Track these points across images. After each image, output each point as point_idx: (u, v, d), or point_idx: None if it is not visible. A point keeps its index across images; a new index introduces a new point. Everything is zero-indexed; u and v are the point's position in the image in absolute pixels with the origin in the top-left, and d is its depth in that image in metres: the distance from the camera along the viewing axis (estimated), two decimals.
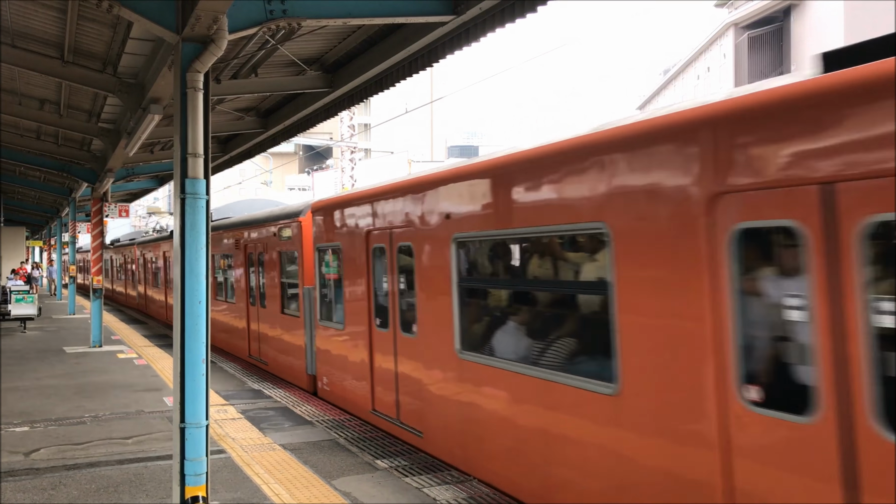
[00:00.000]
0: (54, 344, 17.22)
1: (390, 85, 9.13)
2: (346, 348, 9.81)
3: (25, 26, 8.37)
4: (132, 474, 7.09)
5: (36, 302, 20.86)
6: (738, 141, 4.00)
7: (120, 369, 13.46)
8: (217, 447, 7.91)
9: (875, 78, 3.39)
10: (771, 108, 3.90)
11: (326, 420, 9.53)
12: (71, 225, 23.79)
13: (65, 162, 16.85)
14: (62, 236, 33.63)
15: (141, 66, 9.22)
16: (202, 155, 5.73)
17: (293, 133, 12.92)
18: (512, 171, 6.13)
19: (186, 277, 5.66)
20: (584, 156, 5.25)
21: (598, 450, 5.16)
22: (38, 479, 6.95)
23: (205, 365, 5.70)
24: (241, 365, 14.65)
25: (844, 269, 3.48)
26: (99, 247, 17.78)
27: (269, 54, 8.98)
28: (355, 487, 6.72)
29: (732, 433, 4.05)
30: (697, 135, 4.29)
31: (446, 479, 7.05)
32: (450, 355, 7.04)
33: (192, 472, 5.59)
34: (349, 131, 42.25)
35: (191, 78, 5.72)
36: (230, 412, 9.86)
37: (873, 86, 3.39)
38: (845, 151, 3.49)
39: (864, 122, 3.42)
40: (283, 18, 6.40)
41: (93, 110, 12.34)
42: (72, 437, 8.53)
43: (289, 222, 12.25)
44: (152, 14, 5.87)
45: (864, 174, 3.40)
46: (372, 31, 8.33)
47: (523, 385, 5.99)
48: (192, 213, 5.67)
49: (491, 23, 6.97)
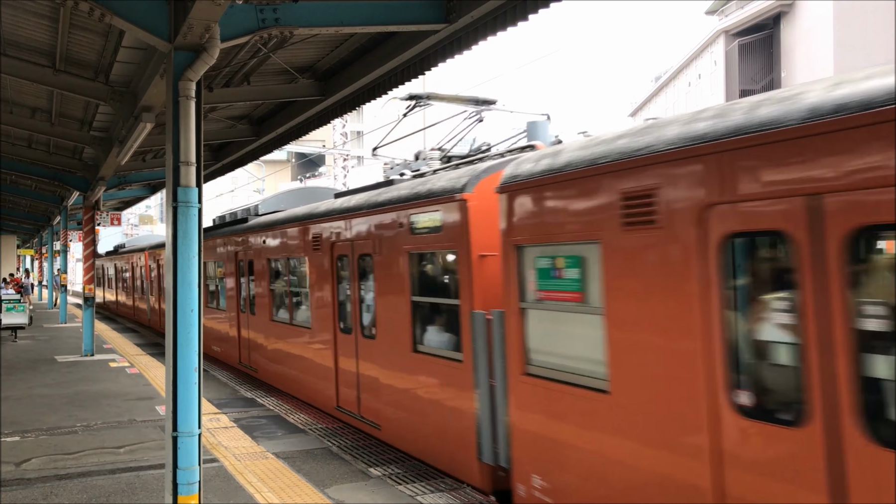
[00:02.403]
0: (46, 353, 17.12)
1: (383, 93, 9.15)
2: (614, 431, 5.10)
3: (17, 35, 8.36)
4: (124, 484, 7.05)
5: (27, 311, 20.74)
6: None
7: (112, 378, 13.39)
8: (210, 456, 7.88)
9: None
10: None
11: (319, 428, 9.50)
12: (62, 233, 23.70)
13: (56, 170, 16.80)
14: (54, 245, 33.52)
15: (133, 74, 9.21)
16: (194, 163, 5.72)
17: (286, 141, 12.92)
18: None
19: (179, 286, 5.65)
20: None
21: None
22: (29, 490, 6.91)
23: (197, 374, 5.68)
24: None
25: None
26: (91, 255, 17.72)
27: (261, 62, 8.99)
28: (349, 496, 6.70)
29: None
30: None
31: (440, 486, 7.04)
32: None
33: (184, 480, 5.57)
34: (342, 139, 42.25)
35: (183, 86, 5.72)
36: (223, 421, 9.82)
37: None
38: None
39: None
40: (275, 27, 6.42)
41: (85, 119, 12.32)
42: (63, 446, 8.48)
43: (437, 204, 7.25)
44: (144, 23, 5.88)
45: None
46: (364, 39, 8.36)
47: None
48: (184, 221, 5.66)
49: (483, 31, 7.00)
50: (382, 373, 8.47)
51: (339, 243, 9.60)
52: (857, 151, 3.45)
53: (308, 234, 10.60)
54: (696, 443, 4.28)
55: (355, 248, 9.10)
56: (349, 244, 9.26)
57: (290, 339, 11.61)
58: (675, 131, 4.56)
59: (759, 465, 3.90)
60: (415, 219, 7.64)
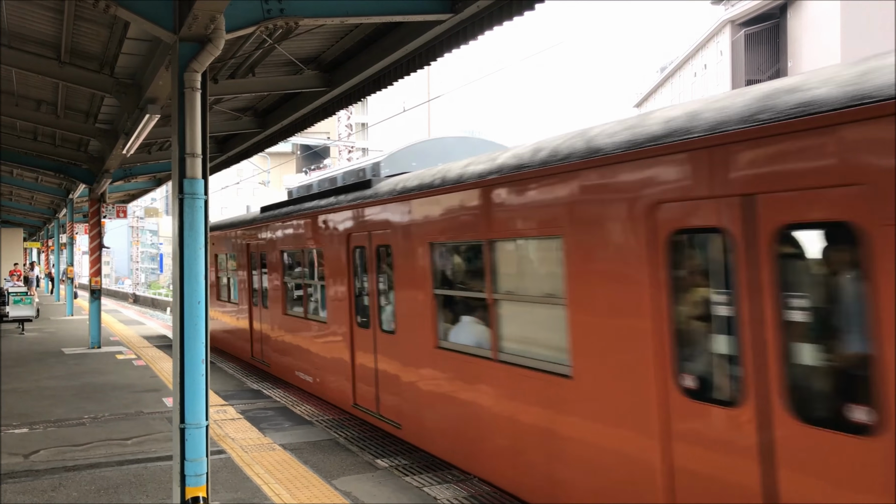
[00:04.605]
0: (53, 345, 17.19)
1: (388, 84, 9.10)
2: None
3: (22, 27, 8.34)
4: (132, 475, 7.08)
5: (34, 303, 20.83)
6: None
7: (119, 370, 13.44)
8: (217, 447, 7.90)
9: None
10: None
11: (326, 420, 9.52)
12: (69, 226, 23.76)
13: (62, 163, 16.80)
14: (60, 237, 33.62)
15: (138, 66, 9.19)
16: (200, 155, 5.71)
17: (291, 133, 12.88)
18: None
19: (185, 278, 5.64)
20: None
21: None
22: (37, 481, 6.94)
23: (204, 365, 5.68)
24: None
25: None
26: (97, 248, 17.76)
27: (266, 54, 8.95)
28: (356, 487, 6.71)
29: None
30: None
31: (447, 477, 7.05)
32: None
33: (192, 472, 5.58)
34: (346, 130, 42.23)
35: (188, 78, 5.70)
36: (230, 412, 9.85)
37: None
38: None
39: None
40: (280, 17, 6.38)
41: (90, 111, 12.31)
42: (71, 438, 8.51)
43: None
44: (149, 14, 5.85)
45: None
46: (369, 29, 8.31)
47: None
48: (190, 212, 5.65)
49: (488, 21, 6.95)
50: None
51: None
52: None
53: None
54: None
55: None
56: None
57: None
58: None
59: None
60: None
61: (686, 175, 4.42)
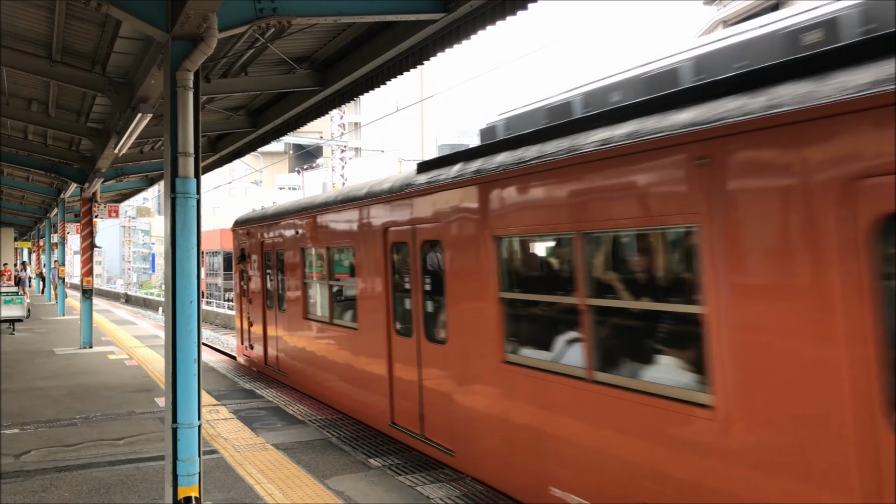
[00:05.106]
0: (44, 345, 17.11)
1: (381, 83, 9.10)
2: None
3: (13, 25, 8.30)
4: (124, 475, 7.05)
5: (25, 304, 20.72)
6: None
7: (111, 370, 13.39)
8: (209, 447, 7.88)
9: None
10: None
11: (319, 419, 9.51)
12: (60, 226, 23.64)
13: (53, 162, 16.72)
14: (51, 237, 33.46)
15: (130, 65, 9.16)
16: (192, 154, 5.70)
17: (283, 132, 12.85)
18: None
19: (178, 277, 5.63)
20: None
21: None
22: (28, 482, 6.91)
23: (197, 365, 5.67)
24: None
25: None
26: (88, 247, 17.69)
27: (258, 53, 8.94)
28: (349, 486, 6.71)
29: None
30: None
31: (439, 476, 7.05)
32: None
33: (184, 472, 5.57)
34: (339, 130, 42.17)
35: (180, 77, 5.69)
36: (222, 412, 9.82)
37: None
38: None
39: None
40: (272, 16, 6.38)
41: (81, 110, 12.25)
42: (63, 438, 8.47)
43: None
44: (142, 13, 5.84)
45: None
46: (362, 28, 8.31)
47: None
48: (182, 211, 5.64)
49: (481, 20, 6.96)
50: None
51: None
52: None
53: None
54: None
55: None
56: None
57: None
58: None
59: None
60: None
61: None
